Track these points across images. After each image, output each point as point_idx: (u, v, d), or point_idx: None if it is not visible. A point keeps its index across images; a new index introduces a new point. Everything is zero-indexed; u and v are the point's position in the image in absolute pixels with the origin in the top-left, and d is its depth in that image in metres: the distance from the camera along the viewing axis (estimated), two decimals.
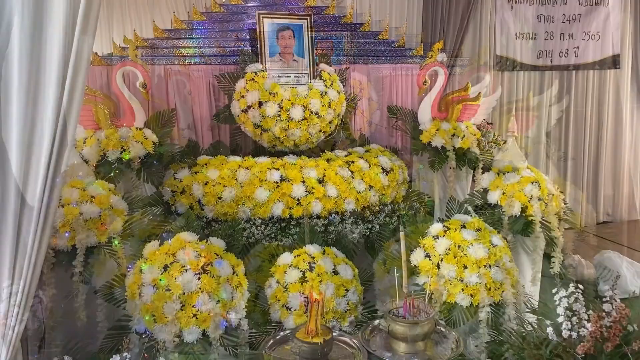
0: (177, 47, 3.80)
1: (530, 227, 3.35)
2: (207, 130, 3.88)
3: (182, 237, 2.72)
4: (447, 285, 2.92)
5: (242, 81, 3.70)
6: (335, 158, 3.69)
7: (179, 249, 2.61)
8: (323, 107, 3.73)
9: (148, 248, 2.66)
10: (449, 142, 3.87)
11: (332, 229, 3.43)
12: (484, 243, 3.02)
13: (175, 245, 2.63)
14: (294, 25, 3.93)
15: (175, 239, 2.69)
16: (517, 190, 3.44)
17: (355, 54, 4.22)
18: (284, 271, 2.94)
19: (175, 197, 3.41)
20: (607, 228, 6.42)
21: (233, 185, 3.36)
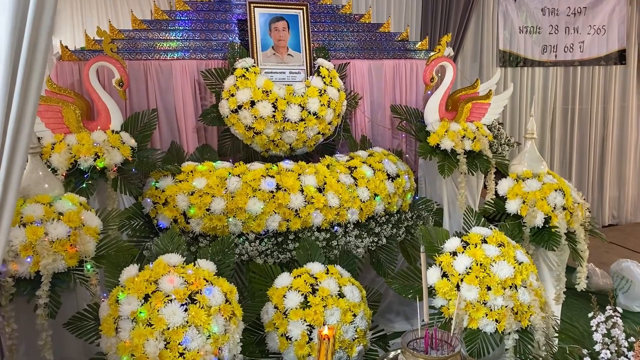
0: (158, 40, 3.39)
1: (555, 239, 3.01)
2: (193, 133, 3.48)
3: (166, 259, 2.34)
4: (469, 309, 2.58)
5: (231, 78, 3.31)
6: (336, 163, 3.32)
7: (162, 274, 2.23)
8: (322, 107, 3.36)
9: (126, 274, 2.28)
10: (459, 145, 3.52)
11: (334, 243, 3.06)
12: (508, 260, 2.68)
13: (158, 270, 2.25)
14: (289, 16, 3.54)
15: (158, 262, 2.31)
16: (540, 199, 3.10)
17: (355, 47, 3.85)
18: (282, 295, 2.58)
19: (157, 209, 3.02)
20: (613, 231, 6.15)
21: (222, 196, 2.98)
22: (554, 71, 5.93)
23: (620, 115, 6.39)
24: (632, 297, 3.99)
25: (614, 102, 6.30)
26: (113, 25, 3.36)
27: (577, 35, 5.93)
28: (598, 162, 6.38)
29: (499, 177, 3.62)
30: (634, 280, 4.04)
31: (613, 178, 6.48)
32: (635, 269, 4.11)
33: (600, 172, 6.40)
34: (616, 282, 4.16)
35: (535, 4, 5.70)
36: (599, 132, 6.32)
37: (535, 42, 5.77)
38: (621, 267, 4.17)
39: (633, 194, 6.60)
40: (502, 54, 5.64)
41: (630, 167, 6.53)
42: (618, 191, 6.52)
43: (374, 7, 5.00)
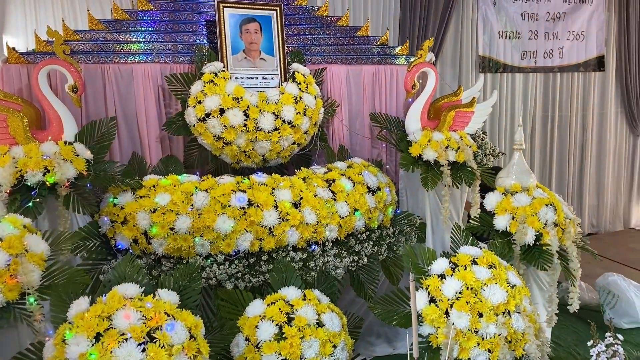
0: (118, 41, 3.10)
1: (547, 258, 2.82)
2: (156, 143, 3.19)
3: (121, 291, 2.06)
4: (459, 338, 2.36)
5: (198, 83, 3.04)
6: (313, 176, 3.07)
7: (116, 309, 1.95)
8: (298, 115, 3.11)
9: (75, 308, 1.99)
10: (442, 156, 3.31)
11: (312, 264, 2.81)
12: (501, 283, 2.48)
13: (112, 303, 1.97)
14: (261, 17, 3.29)
15: (112, 294, 2.02)
16: (530, 215, 2.91)
17: (332, 52, 3.61)
18: (254, 325, 2.32)
19: (115, 228, 2.73)
20: (593, 240, 6.05)
21: (188, 213, 2.70)
22: (533, 77, 5.81)
23: (599, 122, 6.32)
24: (620, 313, 3.84)
25: (593, 110, 6.22)
26: (67, 25, 3.05)
27: (556, 41, 5.83)
28: (577, 170, 6.29)
29: (484, 190, 3.43)
30: (621, 295, 3.89)
31: (592, 186, 6.40)
32: (622, 283, 3.97)
33: (580, 180, 6.31)
34: (602, 297, 4.01)
35: (514, 8, 5.58)
36: (578, 139, 6.23)
37: (515, 48, 5.65)
38: (607, 282, 4.01)
39: (612, 202, 6.53)
40: (481, 60, 5.48)
41: (609, 176, 6.46)
42: (597, 200, 6.44)
43: (351, 9, 4.78)
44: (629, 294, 3.89)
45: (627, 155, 6.56)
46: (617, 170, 6.52)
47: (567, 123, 6.11)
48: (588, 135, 6.26)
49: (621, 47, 6.17)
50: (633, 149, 6.55)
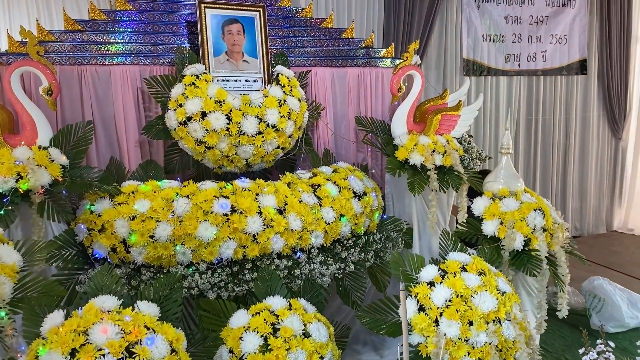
0: (95, 42, 2.99)
1: (536, 263, 2.78)
2: (135, 148, 3.08)
3: (98, 303, 1.96)
4: (449, 347, 2.30)
5: (179, 86, 2.95)
6: (298, 181, 2.99)
7: (93, 322, 1.85)
8: (282, 119, 3.04)
9: (49, 322, 1.89)
10: (429, 160, 3.26)
11: (297, 272, 2.73)
12: (491, 290, 2.43)
13: (88, 317, 1.88)
14: (244, 19, 3.21)
15: (88, 308, 1.93)
16: (518, 220, 2.87)
17: (317, 54, 3.54)
18: (238, 337, 2.23)
19: (92, 236, 2.62)
20: (577, 243, 6.06)
21: (169, 220, 2.60)
22: (517, 81, 5.81)
23: (582, 126, 6.34)
24: (606, 317, 3.82)
25: (575, 113, 6.25)
26: (41, 25, 2.93)
27: (539, 44, 5.84)
28: (561, 173, 6.31)
29: (471, 194, 3.39)
30: (607, 299, 3.88)
31: (575, 189, 6.42)
32: (607, 287, 3.95)
33: (563, 183, 6.33)
34: (589, 301, 3.99)
35: (498, 11, 5.57)
36: (561, 143, 6.24)
37: (498, 51, 5.64)
38: (593, 286, 4.00)
39: (594, 205, 6.56)
40: (466, 63, 5.46)
41: (592, 179, 6.49)
42: (580, 202, 6.46)
43: (335, 11, 4.72)
44: (615, 298, 3.88)
45: (609, 158, 6.60)
46: (600, 173, 6.56)
47: (550, 126, 6.12)
48: (571, 138, 6.28)
49: (603, 50, 6.20)
50: (615, 152, 6.59)
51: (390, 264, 2.62)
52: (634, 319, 3.84)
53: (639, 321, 3.87)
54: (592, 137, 6.40)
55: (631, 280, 4.93)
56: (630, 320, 3.81)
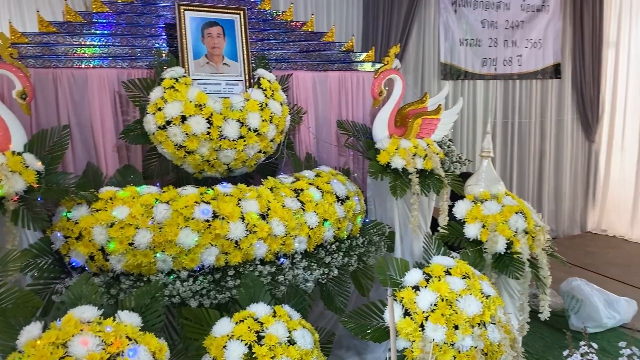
0: (71, 45, 2.91)
1: (519, 266, 2.80)
2: (113, 153, 3.00)
3: (78, 314, 1.90)
4: (435, 352, 2.30)
5: (158, 89, 2.89)
6: (281, 185, 2.96)
7: (72, 334, 1.79)
8: (264, 123, 3.00)
9: (25, 335, 1.82)
10: (410, 163, 3.26)
11: (281, 278, 2.70)
12: (475, 294, 2.43)
13: (67, 329, 1.82)
14: (224, 21, 3.17)
15: (67, 319, 1.86)
16: (501, 223, 2.89)
17: (298, 58, 3.51)
18: (222, 345, 2.19)
19: (69, 244, 2.54)
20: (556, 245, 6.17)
21: (148, 227, 2.54)
22: (494, 84, 5.88)
23: (556, 129, 6.45)
24: (584, 317, 3.88)
25: (550, 116, 6.35)
26: (14, 27, 2.84)
27: (515, 48, 5.92)
28: (537, 175, 6.40)
29: (452, 197, 3.41)
30: (585, 300, 3.94)
31: (551, 191, 6.52)
32: (585, 288, 4.02)
33: (539, 186, 6.42)
34: (567, 302, 4.05)
35: (474, 16, 5.63)
36: (537, 146, 6.34)
37: (475, 55, 5.70)
38: (571, 287, 4.06)
39: (569, 207, 6.67)
40: (443, 67, 5.50)
41: (566, 181, 6.60)
42: (555, 204, 6.57)
43: (315, 15, 4.70)
44: (593, 299, 3.94)
45: (583, 161, 6.72)
46: (574, 175, 6.68)
47: (526, 129, 6.21)
48: (546, 141, 6.38)
49: (576, 55, 6.33)
50: (588, 155, 6.72)
51: (375, 269, 2.61)
52: (611, 319, 3.90)
53: (616, 321, 3.94)
54: (567, 140, 6.52)
55: (606, 280, 5.02)
56: (607, 320, 3.87)
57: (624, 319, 4.00)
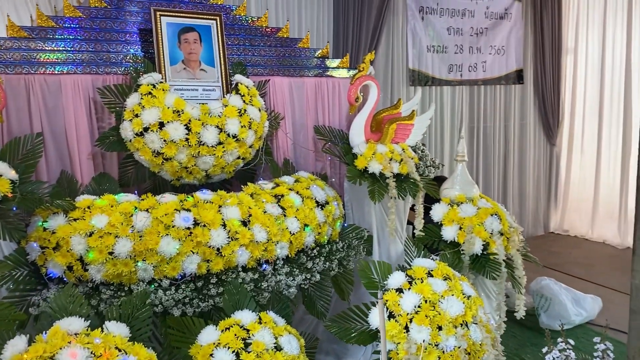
0: (43, 50, 2.84)
1: (495, 266, 2.88)
2: (87, 160, 2.94)
3: (64, 326, 1.85)
4: (420, 353, 2.34)
5: (135, 95, 2.85)
6: (261, 192, 2.95)
7: (60, 347, 1.75)
8: (243, 129, 2.99)
9: (10, 349, 1.76)
10: (387, 168, 3.31)
11: (264, 284, 2.69)
12: (457, 294, 2.49)
13: (55, 341, 1.77)
14: (200, 27, 3.15)
15: (54, 331, 1.81)
16: (477, 225, 2.97)
17: (274, 64, 3.52)
18: (209, 354, 2.17)
19: (46, 255, 2.47)
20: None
21: (128, 235, 2.49)
22: (460, 90, 6.01)
23: (520, 133, 6.65)
24: (554, 315, 4.00)
25: (514, 121, 6.54)
26: None
27: (480, 55, 6.08)
28: (501, 178, 6.57)
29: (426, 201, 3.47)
30: (554, 298, 4.07)
31: (515, 194, 6.71)
32: (554, 287, 4.14)
33: (504, 188, 6.59)
34: (536, 301, 4.17)
35: (441, 23, 5.75)
36: (501, 149, 6.51)
37: (442, 61, 5.82)
38: (541, 286, 4.18)
39: (533, 208, 6.87)
40: (411, 73, 5.60)
41: (530, 183, 6.80)
42: (519, 206, 6.75)
43: (283, 23, 4.71)
44: (561, 297, 4.07)
45: (545, 163, 6.94)
46: (537, 177, 6.89)
47: (491, 134, 6.37)
48: (510, 145, 6.56)
49: (537, 61, 6.54)
50: (550, 158, 6.95)
51: (358, 272, 2.63)
52: (578, 316, 4.04)
53: (583, 318, 4.08)
54: (530, 143, 6.72)
55: (571, 279, 5.19)
56: (575, 318, 4.01)
57: (590, 316, 4.14)
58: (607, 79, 6.36)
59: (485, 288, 3.06)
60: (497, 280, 2.92)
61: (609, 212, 6.49)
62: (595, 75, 6.51)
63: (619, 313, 4.12)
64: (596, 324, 4.11)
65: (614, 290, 4.88)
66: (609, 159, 6.46)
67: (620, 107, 6.26)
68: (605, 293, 4.70)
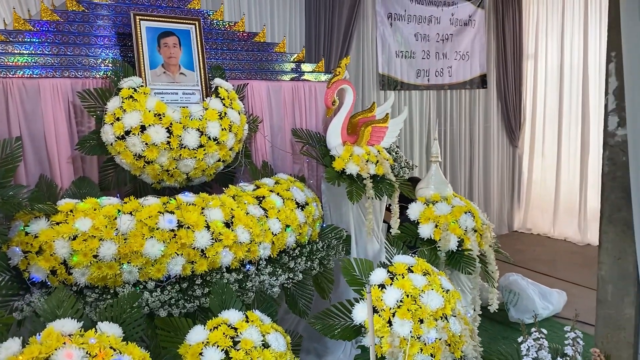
0: (21, 54, 2.82)
1: (470, 262, 3.00)
2: (67, 164, 2.92)
3: (58, 327, 1.86)
4: (403, 346, 2.42)
5: (116, 99, 2.85)
6: (242, 193, 3.00)
7: (55, 348, 1.76)
8: (223, 132, 3.03)
9: (4, 352, 1.76)
10: (364, 169, 3.41)
11: (248, 284, 2.73)
12: (437, 289, 2.59)
13: (49, 342, 1.77)
14: (180, 31, 3.18)
15: (48, 332, 1.82)
16: (452, 222, 3.08)
17: (252, 68, 3.58)
18: (198, 352, 2.20)
19: (28, 259, 2.45)
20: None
21: (113, 238, 2.51)
22: (427, 94, 6.18)
23: (484, 136, 6.87)
24: (522, 309, 4.16)
25: (478, 124, 6.75)
26: None
27: (445, 60, 6.26)
28: (467, 179, 6.77)
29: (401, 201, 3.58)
30: (522, 293, 4.23)
31: (481, 194, 6.92)
32: (521, 282, 4.31)
33: (470, 188, 6.79)
34: (505, 296, 4.33)
35: (408, 29, 5.91)
36: (467, 151, 6.71)
37: (410, 66, 5.97)
38: (509, 281, 4.35)
39: (497, 208, 7.10)
40: (381, 78, 5.73)
41: (494, 184, 7.03)
42: (485, 206, 6.96)
43: (259, 28, 4.77)
44: (529, 292, 4.24)
45: (508, 165, 7.19)
46: (501, 178, 7.12)
47: (457, 136, 6.57)
48: (475, 147, 6.77)
49: (499, 66, 6.78)
50: (513, 159, 7.20)
51: (342, 270, 2.71)
52: (545, 310, 4.22)
53: (550, 311, 4.26)
54: (494, 145, 6.95)
55: (535, 275, 5.39)
56: (542, 311, 4.18)
57: (557, 309, 4.33)
58: (566, 83, 6.64)
59: (460, 283, 3.18)
60: (472, 275, 3.04)
61: (569, 210, 6.77)
62: (554, 80, 6.79)
63: (581, 306, 4.32)
64: (562, 317, 4.30)
65: (576, 284, 5.10)
66: (569, 160, 6.75)
67: (578, 110, 6.56)
68: (568, 287, 4.91)
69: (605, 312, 2.54)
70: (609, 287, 2.49)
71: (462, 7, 6.35)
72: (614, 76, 2.32)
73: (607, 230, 2.44)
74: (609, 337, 2.51)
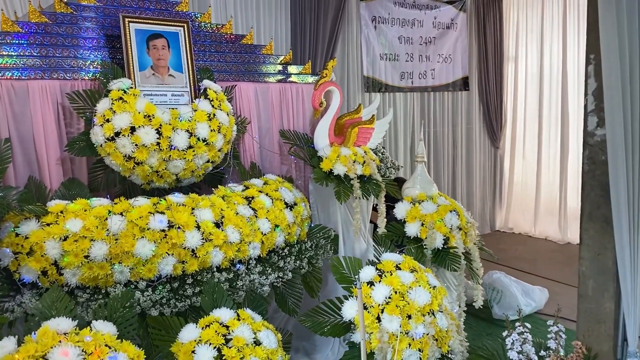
0: (9, 56, 2.82)
1: (455, 259, 3.07)
2: (56, 166, 2.93)
3: (53, 326, 1.88)
4: (392, 341, 2.48)
5: (105, 101, 2.87)
6: (232, 194, 3.03)
7: (51, 346, 1.78)
8: (212, 133, 3.07)
9: (0, 351, 1.78)
10: (351, 169, 3.46)
11: (239, 283, 2.77)
12: (424, 285, 2.66)
13: (45, 341, 1.79)
14: (168, 34, 3.20)
15: (43, 331, 1.84)
16: (437, 221, 3.15)
17: (239, 70, 3.61)
18: (191, 350, 2.23)
19: (19, 260, 2.46)
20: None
21: (104, 239, 2.52)
22: (411, 96, 6.26)
23: (467, 137, 6.97)
24: (506, 306, 4.25)
25: (461, 126, 6.86)
26: None
27: (429, 63, 6.36)
28: (450, 180, 6.87)
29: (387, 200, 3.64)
30: (505, 290, 4.32)
31: (464, 195, 7.02)
32: (504, 280, 4.40)
33: (453, 190, 6.89)
34: (489, 294, 4.41)
35: (392, 32, 5.99)
36: (450, 153, 6.81)
37: (394, 69, 6.05)
38: (492, 279, 4.43)
39: (480, 208, 7.21)
40: (366, 80, 5.80)
41: (477, 184, 7.14)
42: (467, 206, 7.06)
43: (245, 30, 4.80)
44: (512, 289, 4.33)
45: (490, 165, 7.31)
46: (483, 179, 7.24)
47: (440, 138, 6.66)
48: (458, 148, 6.88)
49: (481, 69, 6.90)
50: (494, 160, 7.32)
51: (331, 268, 2.76)
52: (528, 307, 4.31)
53: (532, 308, 4.36)
54: (476, 147, 7.06)
55: (517, 273, 5.49)
56: (525, 308, 4.27)
57: (539, 306, 4.43)
58: (546, 85, 6.79)
59: (446, 280, 3.25)
60: (457, 272, 3.11)
61: (549, 210, 6.91)
62: (534, 82, 6.94)
63: (562, 302, 4.42)
64: (544, 314, 4.39)
65: (557, 282, 5.21)
66: (549, 160, 6.89)
67: (558, 111, 6.70)
68: (550, 285, 5.02)
69: (586, 306, 2.63)
70: (590, 282, 2.58)
71: (445, 11, 6.45)
72: (593, 77, 2.41)
73: (587, 227, 2.53)
74: (590, 330, 2.60)
